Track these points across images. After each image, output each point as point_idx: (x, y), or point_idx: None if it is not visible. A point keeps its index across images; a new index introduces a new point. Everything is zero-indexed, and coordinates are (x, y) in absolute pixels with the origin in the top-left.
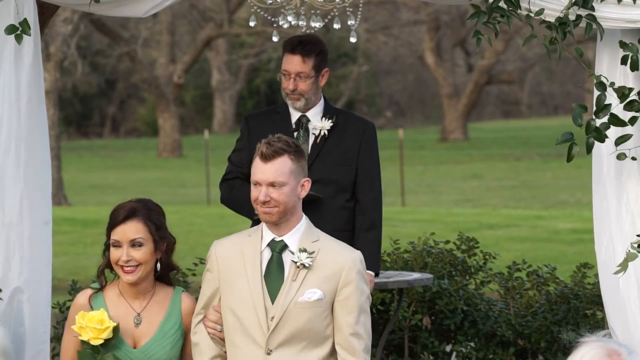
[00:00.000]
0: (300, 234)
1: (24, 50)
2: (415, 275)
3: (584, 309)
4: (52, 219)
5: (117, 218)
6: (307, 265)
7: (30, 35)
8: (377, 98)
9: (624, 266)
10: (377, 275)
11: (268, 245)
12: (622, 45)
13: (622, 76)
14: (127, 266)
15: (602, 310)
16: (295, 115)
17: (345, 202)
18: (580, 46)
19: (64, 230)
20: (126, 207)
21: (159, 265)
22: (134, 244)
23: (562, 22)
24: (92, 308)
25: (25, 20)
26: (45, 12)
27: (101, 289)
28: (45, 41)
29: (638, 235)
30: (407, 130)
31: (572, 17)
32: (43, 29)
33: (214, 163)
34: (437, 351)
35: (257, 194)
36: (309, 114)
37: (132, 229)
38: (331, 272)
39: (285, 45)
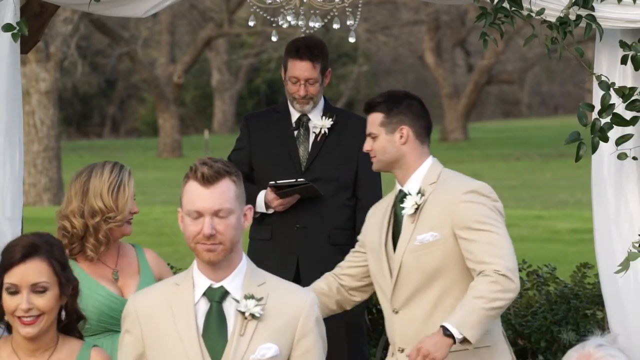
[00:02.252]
0: (243, 276)
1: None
2: None
3: (584, 309)
4: (52, 219)
5: (13, 257)
6: (257, 315)
7: (27, 34)
8: None
9: (625, 265)
10: None
11: (204, 294)
12: (623, 45)
13: (622, 76)
14: (27, 316)
15: (602, 310)
16: (295, 115)
17: (346, 200)
18: (581, 46)
19: None
20: (23, 243)
21: (63, 313)
22: (36, 289)
23: (562, 22)
24: None
25: (22, 19)
26: (45, 12)
27: None
28: (45, 41)
29: None
30: None
31: (572, 17)
32: (43, 28)
33: None
34: None
35: (199, 227)
36: (309, 113)
37: (33, 270)
38: (285, 320)
39: (290, 50)
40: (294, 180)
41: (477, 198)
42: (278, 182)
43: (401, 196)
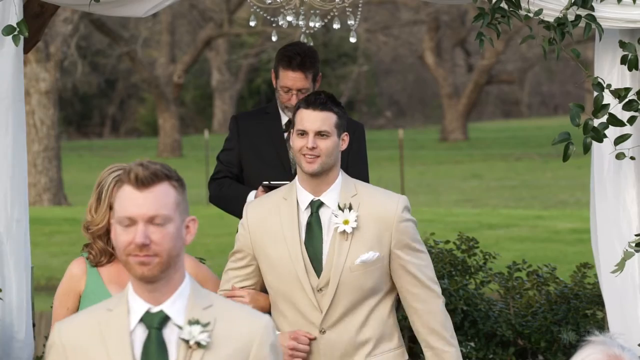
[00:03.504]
0: (187, 299)
1: (5, 49)
2: None
3: (584, 309)
4: (52, 219)
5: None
6: (203, 343)
7: (27, 36)
8: (377, 98)
9: (621, 265)
10: None
11: (141, 320)
12: (622, 45)
13: (621, 76)
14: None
15: (602, 310)
16: (285, 117)
17: None
18: (581, 46)
19: (64, 230)
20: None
21: None
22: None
23: (560, 23)
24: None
25: (23, 20)
26: (45, 12)
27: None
28: (45, 41)
29: (637, 235)
30: (407, 130)
31: (571, 17)
32: (43, 28)
33: (214, 163)
34: None
35: (131, 236)
36: None
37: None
38: (236, 348)
39: (282, 60)
40: (288, 182)
41: (409, 214)
42: (272, 182)
43: (317, 206)
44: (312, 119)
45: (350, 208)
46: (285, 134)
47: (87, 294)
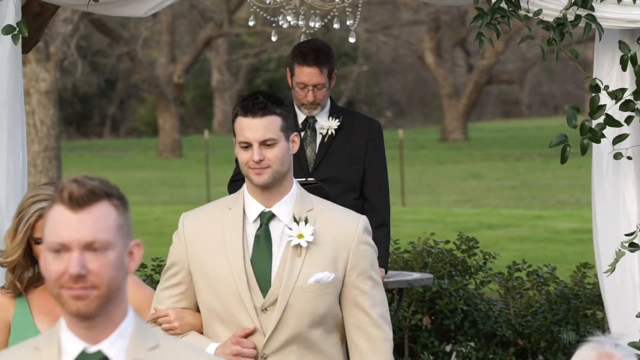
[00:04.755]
0: (129, 338)
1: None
2: (415, 275)
3: (584, 309)
4: None
5: None
6: None
7: (27, 35)
8: (377, 98)
9: (613, 266)
10: (386, 272)
11: None
12: (622, 45)
13: (620, 76)
14: None
15: (602, 310)
16: (301, 116)
17: (353, 200)
18: (581, 46)
19: None
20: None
21: None
22: None
23: (559, 23)
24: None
25: (22, 20)
26: (45, 12)
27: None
28: (45, 41)
29: (627, 235)
30: (407, 130)
31: (571, 17)
32: (43, 28)
33: (214, 163)
34: (437, 351)
35: (63, 266)
36: (315, 115)
37: None
38: None
39: (297, 56)
40: (305, 179)
41: (369, 238)
42: None
43: (267, 218)
44: (254, 128)
45: (306, 221)
46: (302, 134)
47: (14, 326)
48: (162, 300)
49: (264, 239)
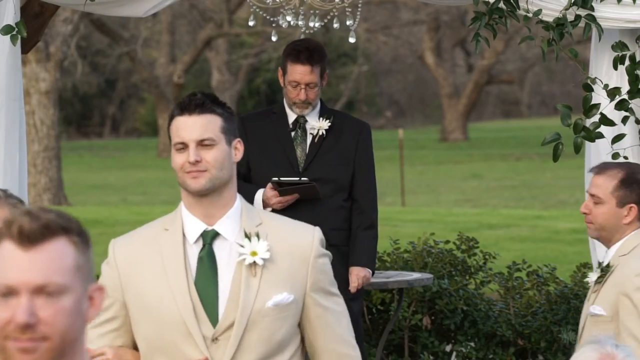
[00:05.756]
0: None
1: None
2: (415, 275)
3: None
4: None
5: None
6: None
7: (25, 35)
8: (377, 98)
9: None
10: (373, 274)
11: None
12: (615, 46)
13: (620, 76)
14: None
15: None
16: (292, 116)
17: (342, 201)
18: (581, 46)
19: None
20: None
21: None
22: None
23: (559, 23)
24: None
25: (21, 20)
26: (45, 12)
27: None
28: (45, 41)
29: None
30: (407, 130)
31: (571, 17)
32: (43, 28)
33: None
34: (437, 351)
35: (9, 313)
36: (306, 115)
37: None
38: None
39: (290, 54)
40: (298, 179)
41: (324, 249)
42: (281, 178)
43: (210, 237)
44: (190, 127)
45: (258, 237)
46: (293, 133)
47: None
48: (93, 339)
49: (208, 261)
